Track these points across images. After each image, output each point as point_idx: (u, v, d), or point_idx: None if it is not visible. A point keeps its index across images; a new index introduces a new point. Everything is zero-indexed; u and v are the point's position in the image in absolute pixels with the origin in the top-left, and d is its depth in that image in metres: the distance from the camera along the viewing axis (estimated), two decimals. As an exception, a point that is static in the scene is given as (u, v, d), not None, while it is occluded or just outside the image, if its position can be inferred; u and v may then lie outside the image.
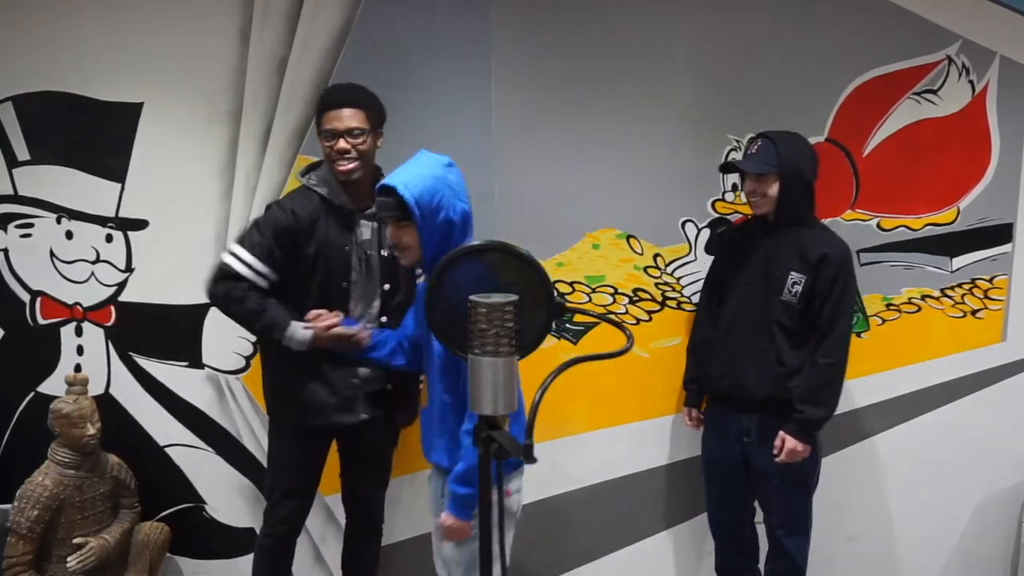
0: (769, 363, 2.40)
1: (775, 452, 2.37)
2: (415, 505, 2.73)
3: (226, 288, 2.15)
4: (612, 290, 2.74)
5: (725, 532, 2.63)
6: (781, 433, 2.37)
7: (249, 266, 2.14)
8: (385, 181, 1.95)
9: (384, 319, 2.29)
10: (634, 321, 2.76)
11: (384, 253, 2.26)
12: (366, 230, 2.26)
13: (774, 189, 2.37)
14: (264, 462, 2.51)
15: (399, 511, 2.74)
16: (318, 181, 2.23)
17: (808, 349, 2.40)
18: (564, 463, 2.77)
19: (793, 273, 2.38)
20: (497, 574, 1.31)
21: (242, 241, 2.18)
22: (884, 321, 2.84)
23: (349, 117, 2.18)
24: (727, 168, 2.62)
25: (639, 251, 2.75)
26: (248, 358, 2.67)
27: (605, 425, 2.79)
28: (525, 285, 1.23)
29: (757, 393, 2.41)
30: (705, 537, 2.85)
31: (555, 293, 1.28)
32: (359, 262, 2.24)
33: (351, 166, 2.19)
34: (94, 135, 2.60)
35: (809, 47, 2.72)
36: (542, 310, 1.25)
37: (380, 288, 2.27)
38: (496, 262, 1.29)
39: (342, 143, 2.17)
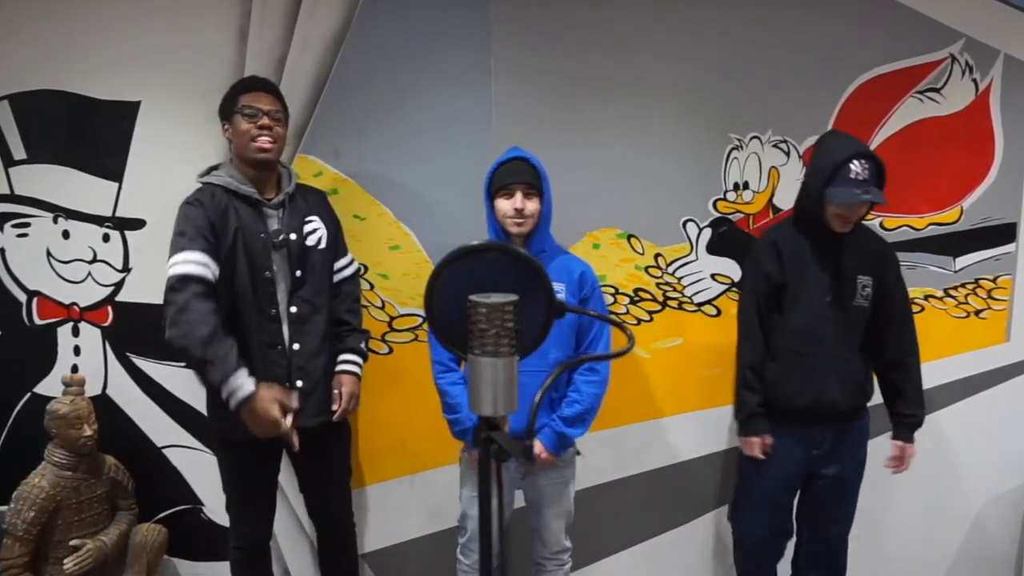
0: (849, 372, 2.34)
1: (895, 465, 2.41)
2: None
3: (172, 310, 2.00)
4: (613, 290, 2.73)
5: (772, 557, 2.55)
6: (898, 443, 2.40)
7: (188, 262, 2.05)
8: (515, 153, 2.23)
9: (293, 309, 2.24)
10: (635, 321, 2.74)
11: (292, 237, 2.25)
12: (274, 220, 2.25)
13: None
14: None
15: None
16: (220, 174, 2.24)
17: (867, 348, 2.37)
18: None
19: (861, 276, 2.33)
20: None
21: (171, 254, 2.09)
22: (887, 321, 2.82)
23: (270, 101, 2.24)
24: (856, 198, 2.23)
25: (640, 251, 2.74)
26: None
27: (606, 427, 2.76)
28: (525, 285, 1.21)
29: (841, 405, 2.34)
30: (708, 538, 2.84)
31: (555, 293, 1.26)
32: (276, 249, 2.22)
33: (271, 144, 2.21)
34: (91, 134, 2.58)
35: (811, 45, 2.70)
36: (542, 310, 1.23)
37: (292, 274, 2.25)
38: (496, 262, 1.27)
39: (265, 120, 2.20)
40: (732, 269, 2.78)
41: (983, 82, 2.76)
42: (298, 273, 2.25)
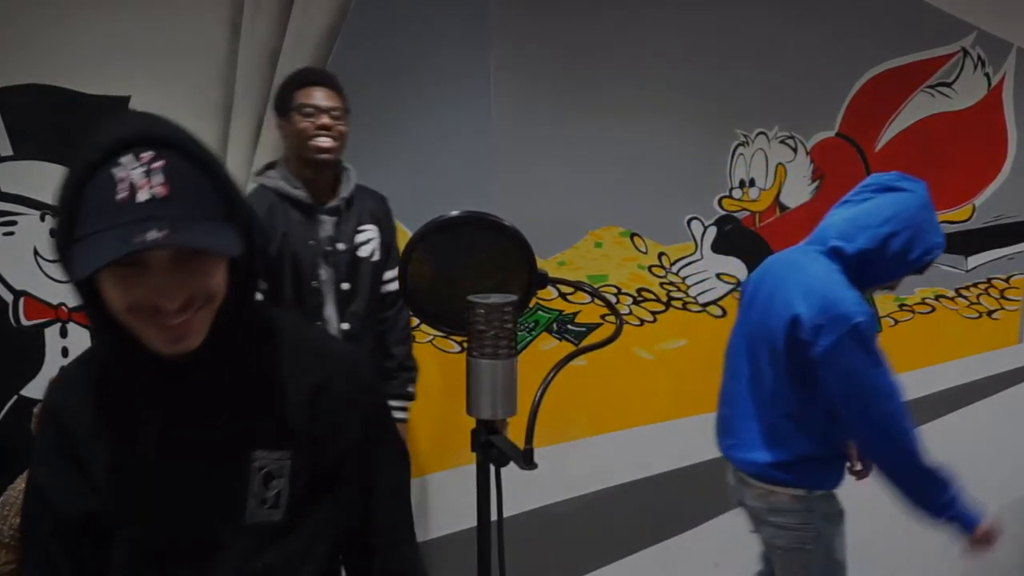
0: None
1: None
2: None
3: None
4: (615, 290, 2.69)
5: None
6: None
7: None
8: None
9: (345, 326, 2.13)
10: (638, 322, 2.70)
11: (341, 247, 2.12)
12: (328, 226, 2.14)
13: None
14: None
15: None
16: (273, 175, 2.13)
17: None
18: (565, 469, 2.70)
19: None
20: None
21: None
22: (897, 322, 2.79)
23: (330, 97, 2.11)
24: None
25: (643, 249, 2.69)
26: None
27: (608, 430, 2.73)
28: (504, 257, 1.17)
29: None
30: (714, 543, 2.79)
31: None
32: (326, 259, 2.11)
33: (332, 144, 2.09)
34: (79, 129, 2.53)
35: (819, 38, 2.67)
36: (523, 282, 1.19)
37: (338, 286, 2.12)
38: (473, 235, 1.22)
39: (325, 119, 2.08)
40: (738, 268, 2.75)
41: (996, 76, 2.72)
42: (345, 286, 2.12)
